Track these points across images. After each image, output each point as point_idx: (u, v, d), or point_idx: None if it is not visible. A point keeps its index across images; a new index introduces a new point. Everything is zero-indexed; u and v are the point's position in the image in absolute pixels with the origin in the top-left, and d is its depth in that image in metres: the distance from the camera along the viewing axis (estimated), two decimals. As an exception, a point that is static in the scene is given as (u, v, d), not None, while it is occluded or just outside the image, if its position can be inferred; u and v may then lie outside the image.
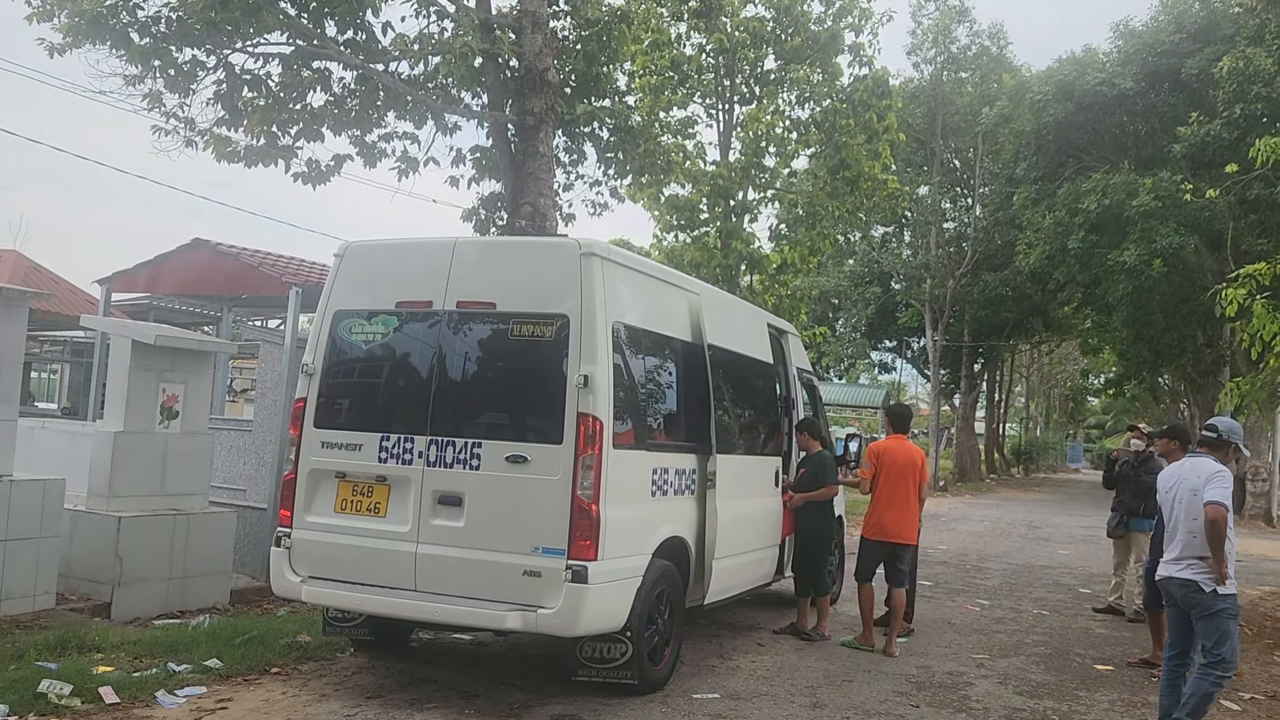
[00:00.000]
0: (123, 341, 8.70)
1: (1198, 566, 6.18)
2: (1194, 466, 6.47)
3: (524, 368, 6.45)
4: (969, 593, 12.21)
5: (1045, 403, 77.50)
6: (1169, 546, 6.44)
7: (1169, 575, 6.37)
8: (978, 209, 41.16)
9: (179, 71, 9.98)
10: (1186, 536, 6.29)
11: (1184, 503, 6.36)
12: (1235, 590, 6.20)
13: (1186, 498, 6.35)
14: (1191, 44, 27.32)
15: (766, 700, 6.77)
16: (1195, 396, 40.19)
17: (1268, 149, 10.50)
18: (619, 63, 14.66)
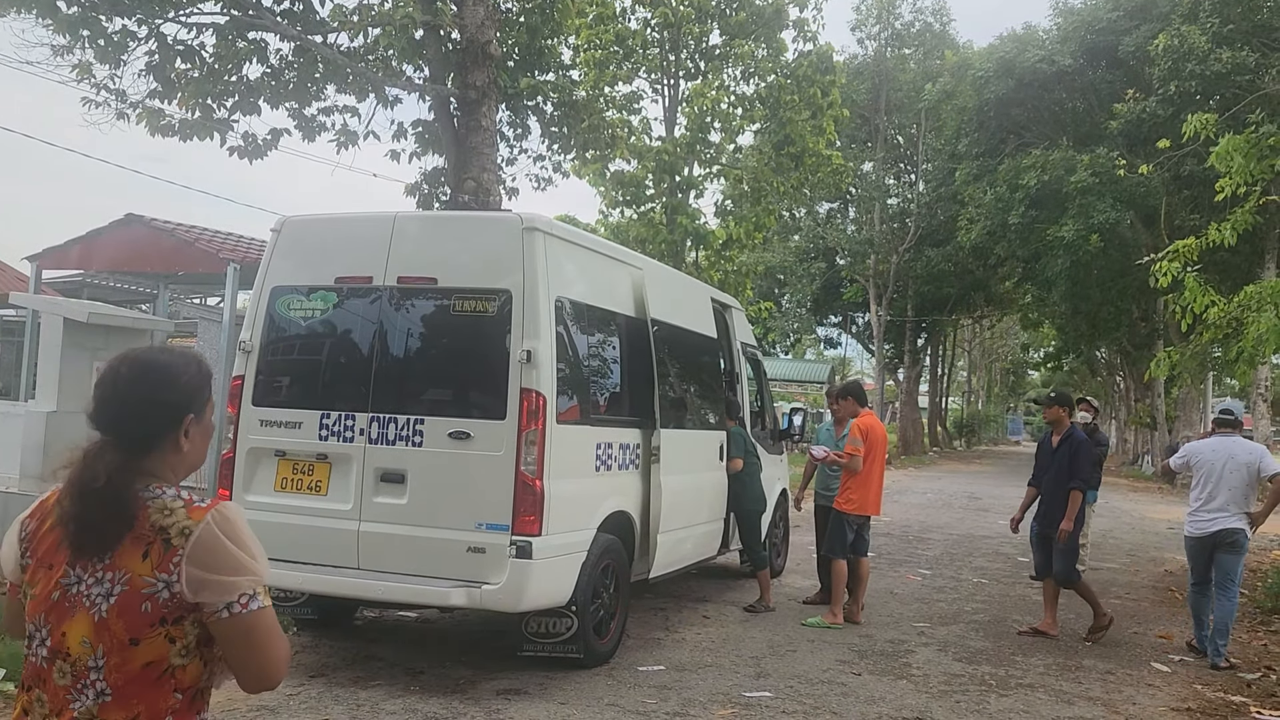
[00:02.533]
0: (54, 320, 8.52)
1: (1243, 519, 7.76)
2: (1238, 443, 8.01)
3: (466, 344, 6.41)
4: (911, 563, 12.42)
5: (987, 376, 78.80)
6: (1209, 503, 7.80)
7: (1222, 527, 7.74)
8: (921, 185, 41.63)
9: (109, 42, 9.70)
10: (1230, 495, 7.74)
11: (1233, 471, 7.73)
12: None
13: (1236, 467, 7.73)
14: (1128, 21, 27.75)
15: (711, 671, 6.84)
16: (1130, 369, 41.20)
17: (1199, 125, 10.71)
18: (563, 36, 14.57)
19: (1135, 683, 7.15)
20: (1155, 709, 6.51)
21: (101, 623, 1.87)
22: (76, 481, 1.93)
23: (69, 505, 1.93)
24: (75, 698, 1.87)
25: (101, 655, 1.86)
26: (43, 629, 1.93)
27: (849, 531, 8.64)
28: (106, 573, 1.88)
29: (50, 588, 1.92)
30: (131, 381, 2.00)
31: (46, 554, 1.96)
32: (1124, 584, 11.63)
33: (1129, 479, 35.27)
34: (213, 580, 1.86)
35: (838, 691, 6.50)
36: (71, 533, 1.91)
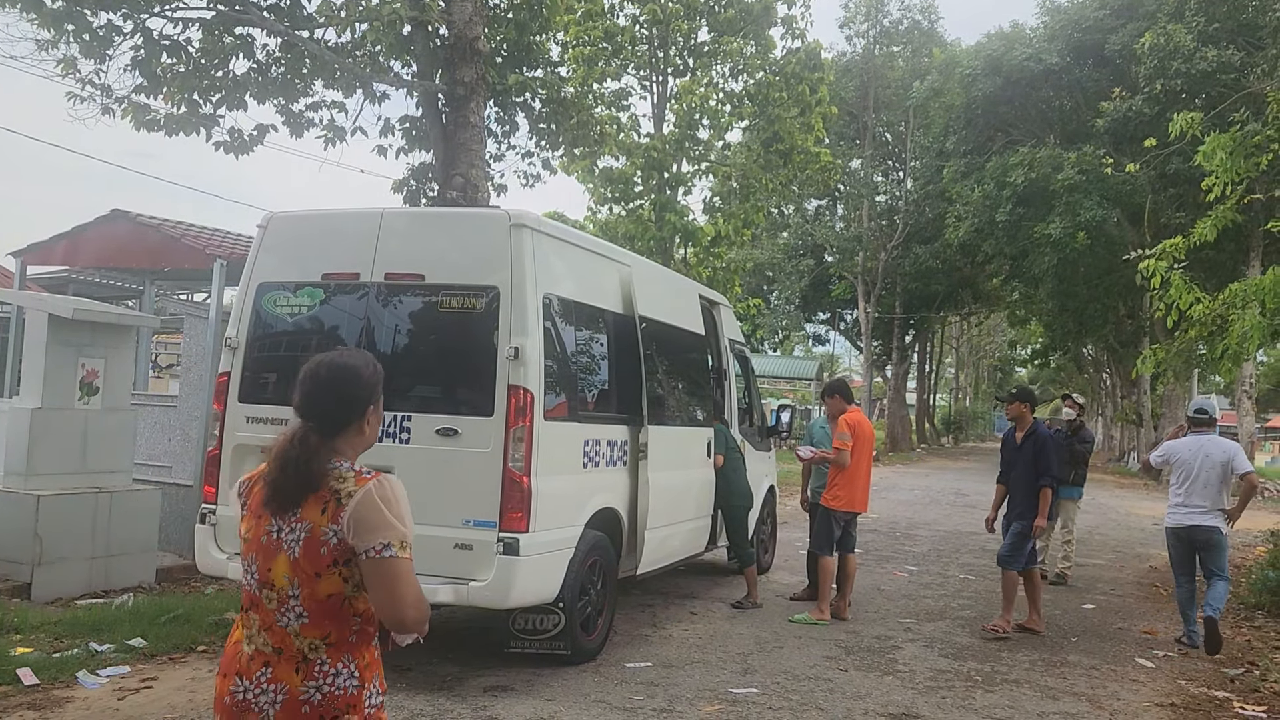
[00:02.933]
0: (39, 315, 8.45)
1: (1219, 516, 8.06)
2: (1213, 442, 8.26)
3: (454, 340, 6.40)
4: (898, 559, 12.45)
5: (974, 373, 79.10)
6: (1189, 500, 8.14)
7: (1197, 523, 8.10)
8: (909, 182, 41.74)
9: (94, 36, 9.63)
10: (1205, 491, 8.07)
11: (1209, 469, 8.06)
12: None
13: (1211, 465, 8.06)
14: (1115, 20, 27.88)
15: (699, 668, 6.84)
16: (1117, 366, 41.40)
17: (1185, 123, 10.77)
18: (551, 32, 14.54)
19: (1120, 678, 7.19)
20: (1140, 704, 6.54)
21: (295, 561, 2.45)
22: (281, 455, 2.51)
23: (273, 472, 2.51)
24: (281, 618, 2.47)
25: (296, 587, 2.45)
26: (253, 566, 2.53)
27: (836, 528, 8.66)
28: (296, 523, 2.46)
29: (259, 534, 2.51)
30: (329, 381, 2.59)
31: (255, 507, 2.55)
32: (1109, 580, 11.69)
33: (1115, 475, 35.44)
34: (362, 530, 2.41)
35: (824, 688, 6.52)
36: (269, 494, 2.50)
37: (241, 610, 2.59)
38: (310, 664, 2.45)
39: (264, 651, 2.48)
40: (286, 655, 2.46)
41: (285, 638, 2.47)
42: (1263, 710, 6.51)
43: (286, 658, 2.46)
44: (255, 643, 2.51)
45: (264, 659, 2.47)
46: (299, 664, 2.46)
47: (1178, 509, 8.28)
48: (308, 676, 2.45)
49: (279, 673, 2.45)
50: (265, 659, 2.47)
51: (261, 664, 2.47)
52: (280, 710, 2.43)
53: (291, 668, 2.45)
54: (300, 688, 2.43)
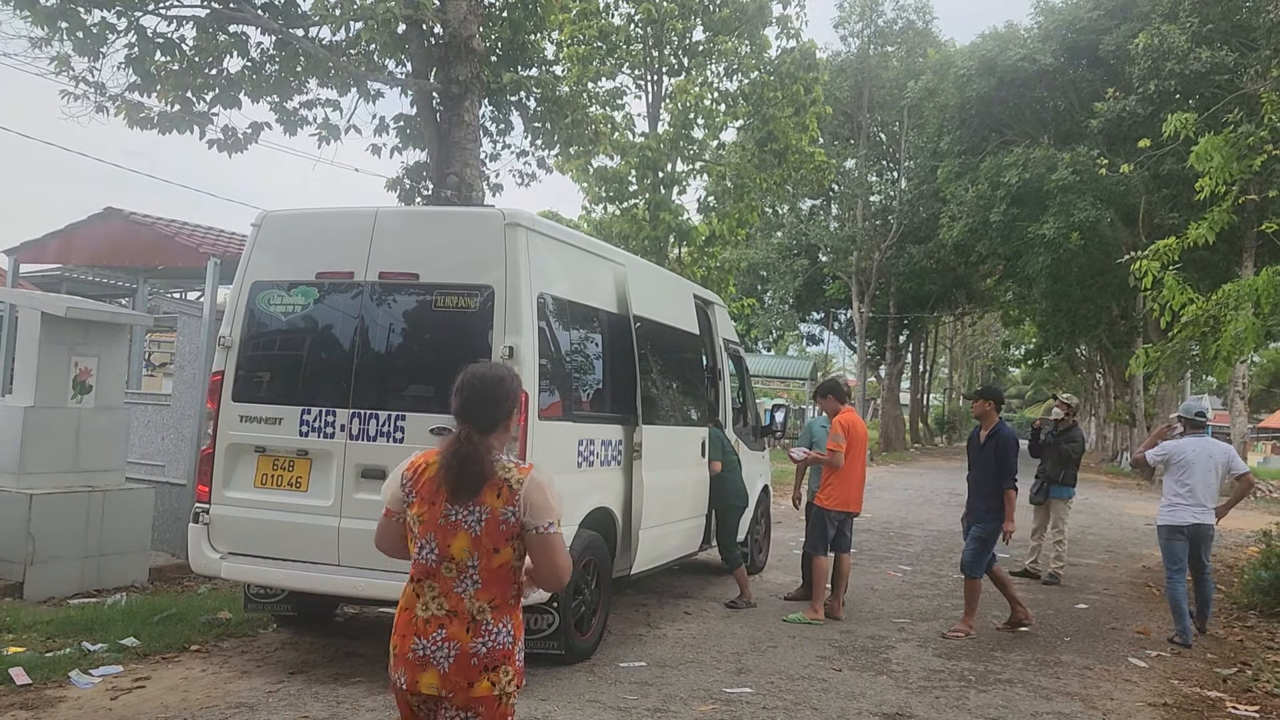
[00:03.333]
0: (32, 314, 8.43)
1: (1212, 514, 8.44)
2: (1212, 444, 8.64)
3: (448, 339, 6.39)
4: (892, 559, 12.47)
5: (968, 373, 79.13)
6: (1189, 497, 8.38)
7: (1201, 521, 8.40)
8: (903, 182, 41.80)
9: (88, 34, 9.59)
10: (1205, 491, 8.38)
11: (1210, 470, 8.38)
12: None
13: (1212, 466, 8.39)
14: (1109, 20, 27.95)
15: (693, 667, 6.84)
16: (1110, 366, 41.46)
17: (1179, 124, 10.79)
18: (546, 31, 14.52)
19: (1113, 678, 7.21)
20: (1132, 704, 6.55)
21: (476, 538, 2.97)
22: (454, 454, 3.01)
23: (450, 468, 3.00)
24: (458, 585, 2.98)
25: (475, 559, 2.97)
26: (431, 543, 3.01)
27: (830, 528, 8.67)
28: (475, 507, 2.97)
29: (435, 517, 3.00)
30: (482, 389, 3.14)
31: (427, 494, 3.03)
32: (1102, 579, 11.71)
33: (1108, 475, 35.54)
34: (533, 511, 2.97)
35: (818, 687, 6.52)
36: (451, 485, 2.99)
37: (413, 581, 3.07)
38: (478, 624, 2.97)
39: (439, 615, 2.98)
40: (459, 617, 2.97)
41: (460, 602, 2.98)
42: (1255, 710, 6.53)
43: (459, 619, 2.97)
44: (430, 609, 3.00)
45: (439, 622, 2.98)
46: (469, 624, 2.97)
47: (1181, 507, 8.40)
48: (476, 634, 2.97)
49: (452, 632, 2.96)
50: (440, 622, 2.98)
51: (437, 626, 2.97)
52: (454, 663, 2.95)
53: (463, 628, 2.97)
54: (470, 644, 2.96)
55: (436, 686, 2.95)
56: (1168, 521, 8.50)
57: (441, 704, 2.99)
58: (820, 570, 8.68)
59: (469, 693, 2.96)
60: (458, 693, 2.96)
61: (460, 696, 2.96)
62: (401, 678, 3.03)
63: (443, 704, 2.99)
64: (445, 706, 2.99)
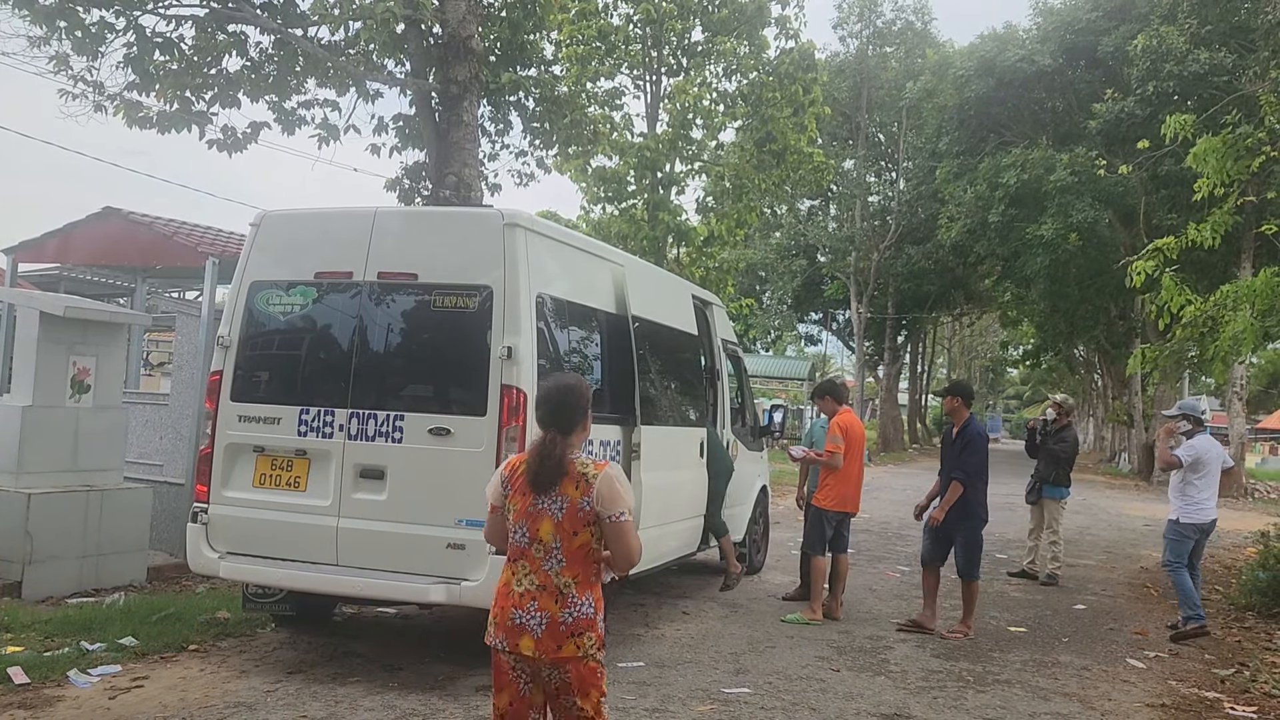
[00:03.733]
0: (30, 313, 8.43)
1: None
2: (1216, 442, 9.01)
3: (447, 340, 6.39)
4: (890, 559, 12.47)
5: (966, 374, 79.15)
6: (1209, 494, 8.65)
7: (1215, 517, 8.81)
8: (901, 183, 41.80)
9: (86, 33, 9.60)
10: (1216, 486, 8.71)
11: (1219, 467, 8.71)
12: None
13: (1220, 463, 8.72)
14: (1107, 21, 27.95)
15: (691, 668, 6.85)
16: (1108, 367, 41.49)
17: (1177, 125, 10.79)
18: (545, 31, 14.52)
19: (1111, 679, 7.21)
20: (1131, 705, 6.56)
21: (558, 523, 3.48)
22: (539, 453, 3.53)
23: (535, 465, 3.53)
24: (545, 564, 3.49)
25: (558, 541, 3.48)
26: (523, 528, 3.53)
27: (827, 528, 8.67)
28: (557, 497, 3.50)
29: (525, 506, 3.53)
30: (561, 398, 3.64)
31: (520, 488, 3.57)
32: (1100, 580, 11.72)
33: (1106, 476, 35.53)
34: (605, 502, 3.47)
35: (816, 688, 6.53)
36: (534, 479, 3.52)
37: (508, 561, 3.60)
38: (565, 596, 3.47)
39: (530, 590, 3.49)
40: (549, 591, 3.48)
41: (548, 578, 3.49)
42: (1253, 711, 6.54)
43: (549, 593, 3.47)
44: (524, 584, 3.51)
45: (531, 595, 3.48)
46: (557, 597, 3.47)
47: (1207, 506, 8.67)
48: (563, 605, 3.46)
49: (543, 604, 3.46)
50: (532, 595, 3.48)
51: (530, 599, 3.48)
52: (545, 629, 3.45)
53: (552, 599, 3.47)
54: (559, 614, 3.46)
55: (532, 649, 3.46)
56: (1195, 520, 8.66)
57: (537, 664, 3.50)
58: (818, 570, 8.69)
59: (558, 654, 3.46)
60: (549, 654, 3.46)
61: (551, 657, 3.46)
62: (502, 641, 3.53)
63: (538, 664, 3.50)
64: (541, 666, 3.50)
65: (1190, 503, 8.63)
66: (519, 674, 3.56)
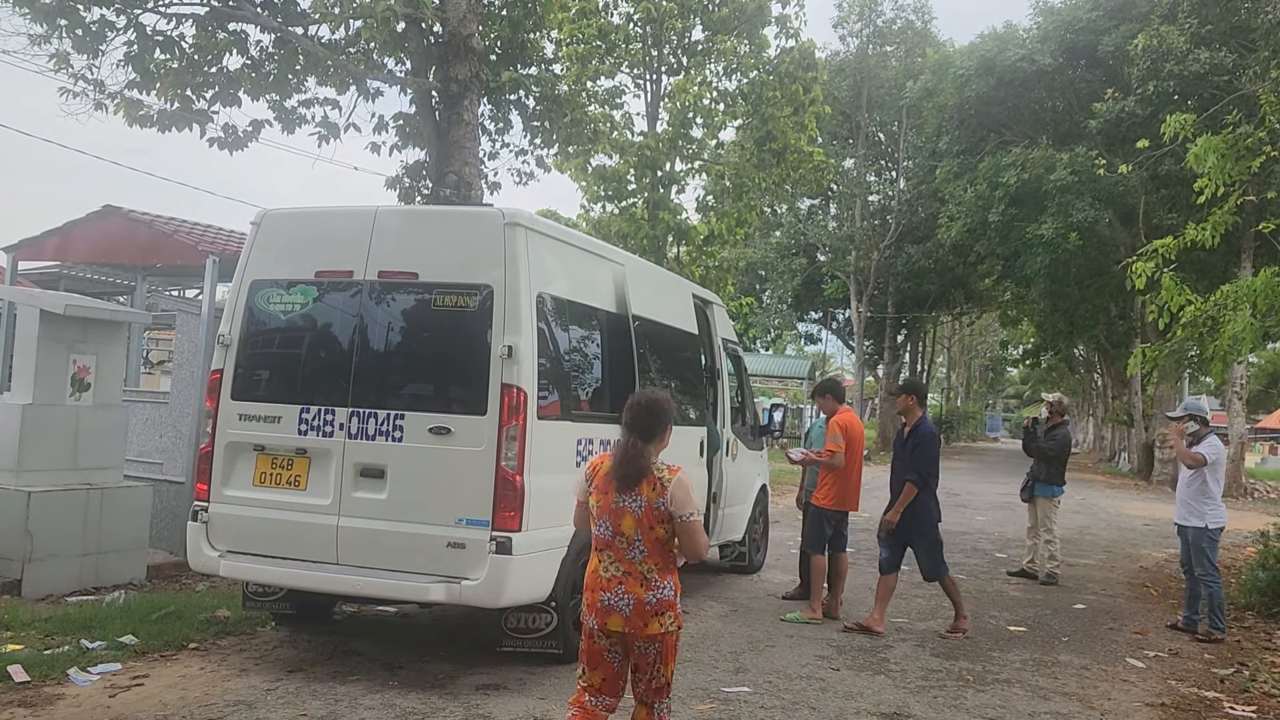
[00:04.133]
0: (30, 311, 8.43)
1: None
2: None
3: (447, 338, 6.39)
4: (890, 559, 12.45)
5: (966, 373, 79.23)
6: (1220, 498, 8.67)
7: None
8: (901, 182, 41.79)
9: (87, 32, 9.59)
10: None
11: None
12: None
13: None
14: (1108, 21, 27.93)
15: (690, 667, 6.84)
16: (1108, 367, 41.50)
17: (1177, 125, 10.79)
18: (545, 30, 14.51)
19: (1111, 678, 7.22)
20: (1130, 704, 6.56)
21: (639, 519, 4.04)
22: (623, 457, 4.09)
23: (620, 466, 4.08)
24: (629, 553, 4.06)
25: (639, 534, 4.04)
26: (606, 523, 4.09)
27: (827, 527, 8.68)
28: (637, 496, 4.05)
29: (609, 503, 4.09)
30: (647, 410, 4.19)
31: (602, 486, 4.13)
32: (1100, 580, 11.72)
33: (1106, 475, 35.55)
34: (677, 503, 4.02)
35: (816, 687, 6.53)
36: (619, 480, 4.08)
37: (595, 550, 4.17)
38: (649, 581, 4.06)
39: (617, 575, 4.07)
40: (634, 577, 4.06)
41: (632, 566, 4.07)
42: (1252, 710, 6.54)
43: (634, 578, 4.06)
44: (610, 570, 4.09)
45: (618, 580, 4.07)
46: (642, 581, 4.05)
47: (1222, 507, 8.76)
48: (648, 589, 4.05)
49: (629, 587, 4.05)
50: (619, 580, 4.06)
51: (617, 583, 4.06)
52: (632, 609, 4.03)
53: (638, 584, 4.05)
54: (644, 595, 4.04)
55: (621, 626, 4.05)
56: (1222, 522, 8.72)
57: (626, 639, 4.09)
58: (818, 569, 8.69)
59: (644, 630, 4.05)
60: (638, 631, 4.05)
61: (638, 633, 4.05)
62: (593, 620, 4.12)
63: (627, 639, 4.09)
64: (634, 640, 4.08)
65: (1214, 505, 8.65)
66: (612, 650, 4.15)
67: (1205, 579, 8.68)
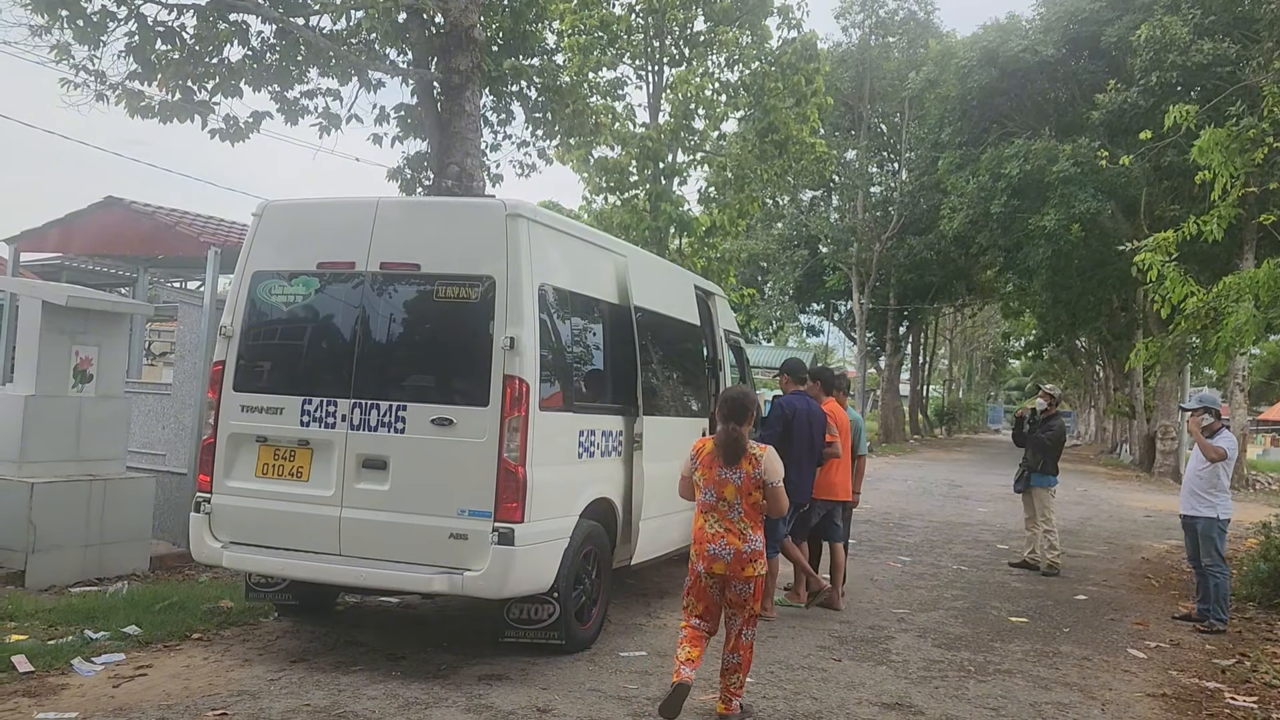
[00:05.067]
0: (33, 303, 8.44)
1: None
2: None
3: (449, 330, 6.39)
4: (891, 550, 12.49)
5: (967, 365, 79.19)
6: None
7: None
8: (904, 173, 41.76)
9: (88, 22, 9.58)
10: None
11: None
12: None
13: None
14: (1111, 12, 27.85)
15: (692, 657, 6.85)
16: (1110, 358, 41.48)
17: (1180, 116, 10.76)
18: (547, 21, 14.51)
19: (1112, 669, 7.23)
20: (1131, 694, 6.58)
21: (739, 487, 5.37)
22: (725, 439, 5.39)
23: (724, 446, 5.39)
24: (730, 514, 5.39)
25: (739, 498, 5.37)
26: (711, 490, 5.42)
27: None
28: (737, 469, 5.37)
29: (714, 475, 5.41)
30: (738, 403, 5.49)
31: (707, 462, 5.45)
32: (1101, 571, 11.73)
33: (1107, 468, 35.56)
34: (769, 474, 5.39)
35: (818, 677, 6.54)
36: (725, 457, 5.38)
37: (701, 512, 5.50)
38: (744, 535, 5.40)
39: (719, 531, 5.40)
40: (733, 532, 5.40)
41: (731, 524, 5.41)
42: (1253, 701, 6.55)
43: (733, 534, 5.39)
44: (714, 528, 5.41)
45: (721, 535, 5.40)
46: (739, 536, 5.39)
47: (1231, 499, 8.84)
48: (744, 542, 5.38)
49: (730, 540, 5.38)
50: (721, 535, 5.40)
51: (720, 537, 5.40)
52: (732, 558, 5.36)
53: (736, 537, 5.39)
54: (742, 547, 5.37)
55: (723, 570, 5.38)
56: (1231, 513, 8.81)
57: (726, 580, 5.42)
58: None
59: (741, 573, 5.38)
60: (735, 573, 5.38)
61: (736, 575, 5.39)
62: (701, 565, 5.45)
63: (726, 580, 5.42)
64: (731, 581, 5.41)
65: (1225, 497, 8.70)
66: (713, 588, 5.46)
67: (1213, 569, 8.69)
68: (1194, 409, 8.99)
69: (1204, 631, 8.54)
